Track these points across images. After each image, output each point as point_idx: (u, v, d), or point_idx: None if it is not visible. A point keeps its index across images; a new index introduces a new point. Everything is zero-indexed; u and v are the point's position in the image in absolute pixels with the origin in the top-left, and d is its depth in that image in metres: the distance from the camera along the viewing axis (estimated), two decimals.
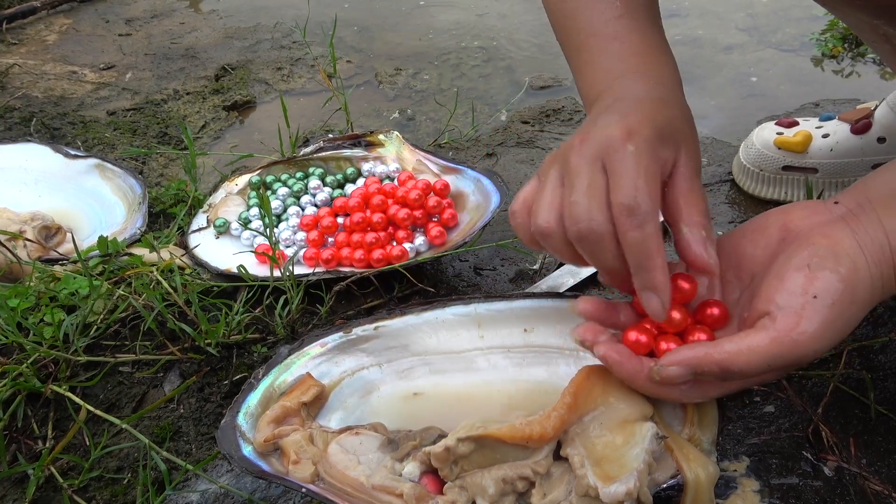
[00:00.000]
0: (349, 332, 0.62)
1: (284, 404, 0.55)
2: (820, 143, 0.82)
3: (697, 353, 0.44)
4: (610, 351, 0.47)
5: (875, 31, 0.65)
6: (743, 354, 0.43)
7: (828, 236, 0.45)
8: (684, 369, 0.45)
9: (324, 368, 0.60)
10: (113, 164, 0.93)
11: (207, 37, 1.41)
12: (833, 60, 1.17)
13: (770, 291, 0.45)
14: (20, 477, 0.60)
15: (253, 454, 0.53)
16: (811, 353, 0.43)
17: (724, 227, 0.83)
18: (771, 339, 0.43)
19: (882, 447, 0.57)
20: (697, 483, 0.46)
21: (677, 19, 1.35)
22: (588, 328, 0.49)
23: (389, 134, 0.90)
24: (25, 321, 0.68)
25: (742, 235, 0.50)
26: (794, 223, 0.48)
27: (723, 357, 0.43)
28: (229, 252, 0.79)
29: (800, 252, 0.45)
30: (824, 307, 0.42)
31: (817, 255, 0.44)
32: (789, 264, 0.45)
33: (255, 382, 0.58)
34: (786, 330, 0.43)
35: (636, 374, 0.46)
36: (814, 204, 0.49)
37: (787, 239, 0.47)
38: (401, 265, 0.74)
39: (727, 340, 0.44)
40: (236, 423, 0.55)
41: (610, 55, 0.56)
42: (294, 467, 0.51)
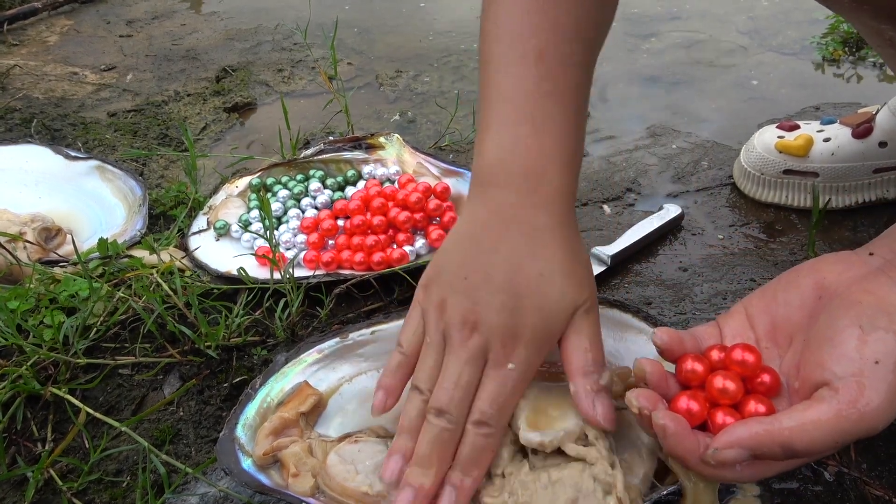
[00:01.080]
0: (346, 338, 0.62)
1: (282, 415, 0.55)
2: (821, 147, 0.82)
3: (755, 432, 0.40)
4: (670, 422, 0.42)
5: (881, 35, 0.65)
6: (807, 431, 0.39)
7: (871, 292, 0.42)
8: (742, 451, 0.40)
9: (321, 375, 0.60)
10: (113, 166, 0.93)
11: (208, 38, 1.41)
12: (834, 64, 1.17)
13: (822, 358, 0.41)
14: (19, 479, 0.59)
15: (252, 467, 0.53)
16: (881, 424, 0.39)
17: (724, 230, 0.83)
18: (835, 413, 0.39)
19: (882, 452, 0.56)
20: (696, 490, 0.46)
21: (678, 22, 1.35)
22: (647, 396, 0.44)
23: (390, 136, 0.90)
24: (25, 323, 0.67)
25: (773, 297, 0.47)
26: (829, 279, 0.45)
27: (784, 436, 0.39)
28: (229, 254, 0.79)
29: (845, 312, 0.42)
30: (888, 372, 0.39)
31: (866, 314, 0.41)
32: (837, 326, 0.42)
33: (253, 393, 0.58)
34: (850, 401, 0.39)
35: (692, 452, 0.42)
36: (846, 256, 0.46)
37: (824, 297, 0.44)
38: (401, 268, 0.74)
39: (785, 415, 0.40)
40: (235, 436, 0.55)
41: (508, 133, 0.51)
42: (294, 480, 0.51)
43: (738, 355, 0.45)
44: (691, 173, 0.93)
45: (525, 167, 0.51)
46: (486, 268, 0.49)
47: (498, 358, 0.48)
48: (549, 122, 0.51)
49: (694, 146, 0.98)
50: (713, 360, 0.46)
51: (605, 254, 0.76)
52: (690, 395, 0.44)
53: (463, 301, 0.49)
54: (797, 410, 0.40)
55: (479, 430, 0.47)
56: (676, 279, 0.76)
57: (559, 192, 0.51)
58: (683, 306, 0.73)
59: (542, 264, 0.49)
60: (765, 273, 0.76)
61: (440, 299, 0.50)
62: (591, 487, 0.46)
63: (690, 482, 0.46)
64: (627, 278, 0.76)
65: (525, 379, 0.49)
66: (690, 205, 0.87)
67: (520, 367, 0.48)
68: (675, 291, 0.75)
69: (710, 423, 0.44)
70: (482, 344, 0.48)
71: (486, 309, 0.48)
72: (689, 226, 0.84)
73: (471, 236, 0.51)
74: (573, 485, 0.46)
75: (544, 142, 0.51)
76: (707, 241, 0.81)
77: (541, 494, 0.46)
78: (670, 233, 0.82)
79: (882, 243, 0.46)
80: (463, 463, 0.48)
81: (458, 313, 0.49)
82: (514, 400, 0.48)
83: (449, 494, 0.47)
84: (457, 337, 0.49)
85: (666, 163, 0.95)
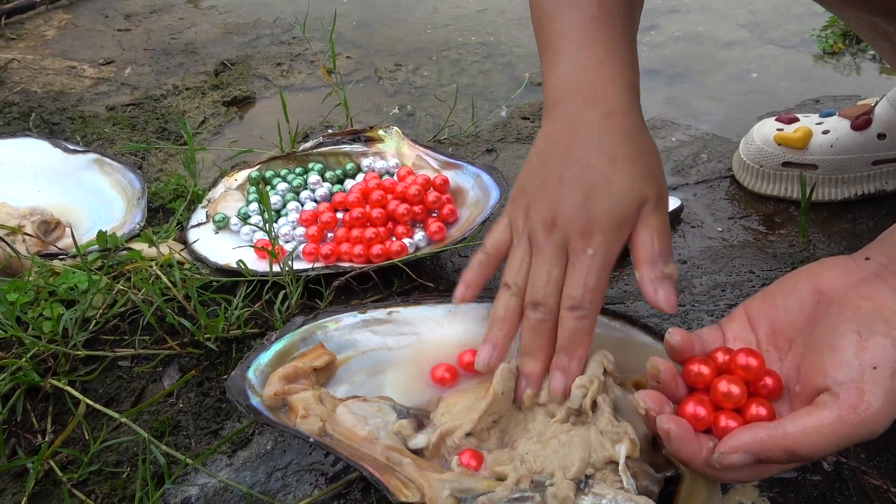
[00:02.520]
0: (364, 312, 0.62)
1: (296, 364, 0.56)
2: (820, 140, 0.82)
3: (759, 437, 0.41)
4: (674, 426, 0.43)
5: (874, 28, 0.65)
6: (810, 436, 0.40)
7: (868, 298, 0.43)
8: (747, 455, 0.41)
9: (335, 343, 0.61)
10: (112, 159, 0.93)
11: (207, 32, 1.41)
12: (833, 57, 1.17)
13: (823, 364, 0.42)
14: (19, 471, 0.60)
15: (261, 405, 0.53)
16: (881, 427, 0.40)
17: (723, 222, 0.83)
18: (837, 418, 0.40)
19: (881, 442, 0.57)
20: (694, 477, 0.46)
21: (678, 15, 1.35)
22: (654, 397, 0.46)
23: (389, 129, 0.90)
24: (25, 315, 0.68)
25: (772, 302, 0.48)
26: (827, 284, 0.46)
27: (788, 441, 0.41)
28: (228, 247, 0.79)
29: (844, 318, 0.43)
30: (886, 377, 0.40)
31: (864, 319, 0.42)
32: (836, 331, 0.43)
33: (268, 344, 0.58)
34: (850, 406, 0.40)
35: (695, 454, 0.43)
36: (843, 261, 0.47)
37: (822, 302, 0.45)
38: (400, 260, 0.74)
39: (789, 421, 0.41)
40: (246, 376, 0.55)
41: (570, 62, 0.57)
42: (302, 421, 0.52)
43: (742, 360, 0.46)
44: (691, 166, 0.93)
45: (591, 81, 0.56)
46: (560, 170, 0.53)
47: (578, 246, 0.52)
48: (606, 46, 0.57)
49: (693, 139, 0.98)
50: (718, 363, 0.47)
51: None
52: (698, 400, 0.45)
53: (542, 204, 0.54)
54: (800, 416, 0.41)
55: (573, 314, 0.51)
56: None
57: (624, 99, 0.56)
58: (683, 298, 0.73)
59: (610, 156, 0.53)
60: (763, 265, 0.76)
61: (524, 207, 0.55)
62: (600, 440, 0.47)
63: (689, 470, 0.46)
64: (627, 270, 0.76)
65: (606, 263, 0.52)
66: (690, 197, 0.87)
67: (599, 252, 0.51)
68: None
69: (713, 426, 0.45)
70: (563, 238, 0.52)
71: (561, 206, 0.52)
72: (689, 218, 0.84)
73: (546, 147, 0.56)
74: (582, 443, 0.47)
75: (604, 62, 0.57)
76: (706, 234, 0.81)
77: (552, 458, 0.47)
78: (670, 225, 0.82)
79: (878, 248, 0.46)
80: (565, 347, 0.51)
81: (539, 216, 0.53)
82: (600, 283, 0.51)
83: (559, 378, 0.51)
84: (541, 237, 0.53)
85: (665, 155, 0.95)
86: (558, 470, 0.46)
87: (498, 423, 0.52)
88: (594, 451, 0.47)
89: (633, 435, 0.47)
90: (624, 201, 0.52)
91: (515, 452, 0.49)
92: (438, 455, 0.51)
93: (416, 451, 0.51)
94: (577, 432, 0.48)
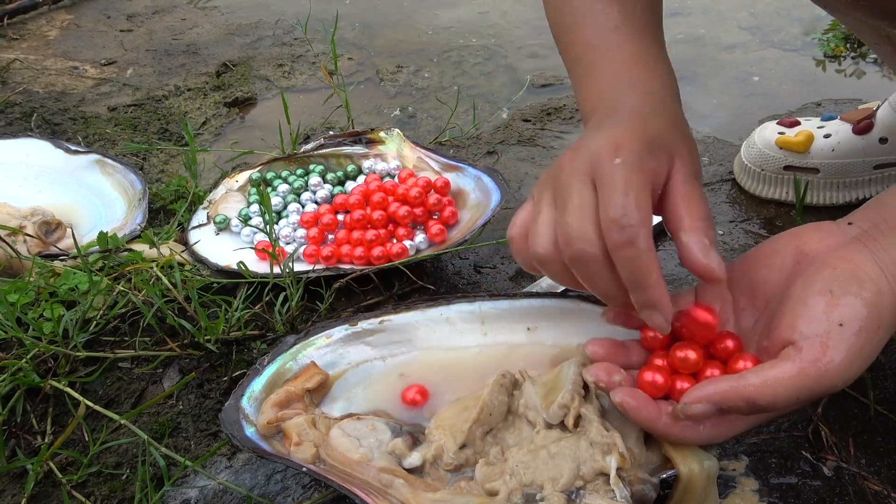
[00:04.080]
0: (354, 325, 0.62)
1: (288, 389, 0.56)
2: (821, 144, 0.81)
3: (722, 388, 0.43)
4: (626, 397, 0.45)
5: (877, 32, 0.65)
6: (770, 387, 0.42)
7: (847, 259, 0.44)
8: (710, 406, 0.43)
9: (328, 359, 0.61)
10: (113, 160, 0.93)
11: (209, 33, 1.41)
12: (835, 60, 1.17)
13: (793, 318, 0.43)
14: (19, 472, 0.60)
15: (255, 435, 0.53)
16: (840, 382, 0.42)
17: (724, 226, 0.83)
18: (798, 371, 0.41)
19: (881, 447, 0.57)
20: (691, 476, 0.46)
21: (679, 18, 1.35)
22: (601, 368, 0.48)
23: (390, 131, 0.90)
24: (25, 316, 0.68)
25: (753, 260, 0.49)
26: (808, 246, 0.46)
27: (749, 391, 0.42)
28: (229, 248, 0.79)
29: (820, 276, 0.44)
30: (851, 335, 0.41)
31: (838, 279, 0.43)
32: (810, 290, 0.44)
33: (261, 368, 0.58)
34: (812, 360, 0.41)
35: (654, 419, 0.45)
36: (826, 225, 0.48)
37: (802, 262, 0.46)
38: (401, 262, 0.74)
39: (752, 373, 0.43)
40: (240, 406, 0.55)
41: (603, 68, 0.55)
42: (296, 449, 0.52)
43: (699, 315, 0.47)
44: None
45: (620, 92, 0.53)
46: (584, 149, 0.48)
47: (604, 161, 0.44)
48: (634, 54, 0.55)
49: None
50: (675, 327, 0.48)
51: None
52: (655, 368, 0.47)
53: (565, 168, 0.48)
54: (762, 368, 0.43)
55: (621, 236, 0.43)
56: (676, 275, 0.76)
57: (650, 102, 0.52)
58: None
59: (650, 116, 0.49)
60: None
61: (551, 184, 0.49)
62: (590, 452, 0.47)
63: (685, 468, 0.46)
64: None
65: (638, 169, 0.44)
66: None
67: (627, 160, 0.44)
68: (674, 287, 0.74)
69: (671, 391, 0.47)
70: (587, 165, 0.45)
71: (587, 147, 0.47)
72: None
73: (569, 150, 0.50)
74: (572, 454, 0.47)
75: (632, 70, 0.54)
76: None
77: (542, 470, 0.47)
78: None
79: (861, 214, 0.47)
80: (632, 284, 0.44)
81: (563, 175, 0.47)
82: (638, 192, 0.43)
83: (648, 315, 0.45)
84: (563, 176, 0.46)
85: None
86: (548, 482, 0.47)
87: (492, 433, 0.52)
88: (584, 463, 0.47)
89: (623, 448, 0.47)
90: (654, 132, 0.47)
91: (506, 465, 0.49)
92: (436, 470, 0.51)
93: (413, 468, 0.51)
94: (567, 442, 0.48)
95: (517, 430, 0.52)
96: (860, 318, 0.42)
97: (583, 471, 0.47)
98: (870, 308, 0.42)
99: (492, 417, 0.52)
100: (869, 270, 0.43)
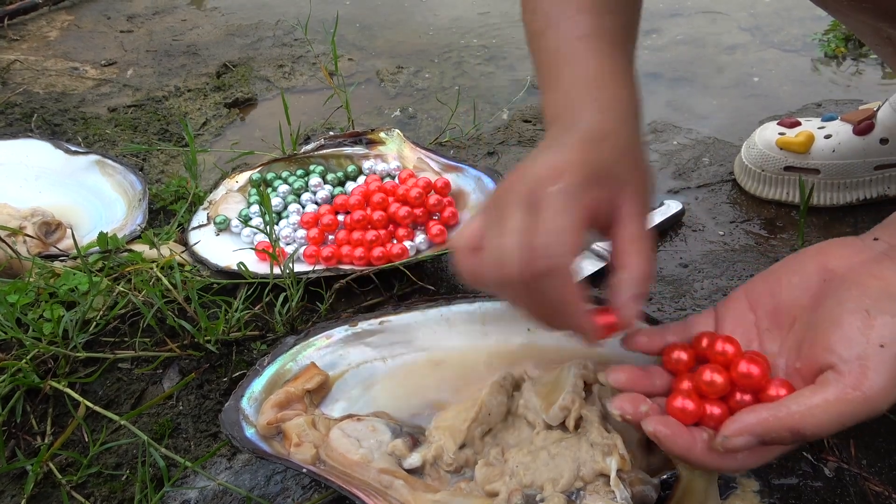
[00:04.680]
0: (355, 326, 0.62)
1: (288, 390, 0.56)
2: (822, 144, 0.81)
3: (763, 418, 0.41)
4: (660, 426, 0.43)
5: (878, 33, 0.65)
6: (814, 416, 0.40)
7: (878, 277, 0.42)
8: (751, 438, 0.41)
9: (328, 360, 0.61)
10: (113, 161, 0.93)
11: (209, 34, 1.41)
12: (836, 61, 1.17)
13: (828, 341, 0.42)
14: (19, 473, 0.59)
15: (255, 436, 0.53)
16: (885, 405, 0.40)
17: (725, 226, 0.83)
18: (841, 396, 0.40)
19: (882, 448, 0.56)
20: (692, 477, 0.46)
21: (680, 18, 1.35)
22: (626, 399, 0.45)
23: (390, 132, 0.90)
24: (25, 317, 0.67)
25: (776, 279, 0.47)
26: (834, 263, 0.45)
27: (793, 421, 0.40)
28: (229, 249, 0.79)
29: (851, 295, 0.42)
30: (891, 356, 0.40)
31: (872, 297, 0.41)
32: (843, 309, 0.42)
33: (261, 369, 0.58)
34: (855, 385, 0.40)
35: (691, 447, 0.42)
36: (851, 241, 0.47)
37: (829, 280, 0.44)
38: (401, 263, 0.74)
39: (792, 401, 0.41)
40: (240, 406, 0.55)
41: (566, 78, 0.53)
42: (296, 450, 0.52)
43: (719, 346, 0.45)
44: (692, 170, 0.93)
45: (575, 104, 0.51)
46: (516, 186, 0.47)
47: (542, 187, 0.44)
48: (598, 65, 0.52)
49: (695, 143, 0.98)
50: (698, 349, 0.47)
51: (606, 249, 0.76)
52: (685, 394, 0.45)
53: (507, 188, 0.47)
54: (803, 395, 0.41)
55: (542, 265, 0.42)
56: (677, 275, 0.76)
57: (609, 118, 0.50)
58: (683, 302, 0.72)
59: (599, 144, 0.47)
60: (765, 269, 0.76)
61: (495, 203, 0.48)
62: (591, 453, 0.47)
63: (686, 469, 0.46)
64: None
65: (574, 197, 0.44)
66: (691, 201, 0.87)
67: (565, 188, 0.44)
68: (675, 287, 0.74)
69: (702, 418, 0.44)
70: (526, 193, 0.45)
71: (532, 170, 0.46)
72: (690, 222, 0.84)
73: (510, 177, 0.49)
74: (573, 455, 0.47)
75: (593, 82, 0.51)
76: (708, 238, 0.81)
77: (542, 471, 0.47)
78: (671, 229, 0.82)
79: (886, 229, 0.46)
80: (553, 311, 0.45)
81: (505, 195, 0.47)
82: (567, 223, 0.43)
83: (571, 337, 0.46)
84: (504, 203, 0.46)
85: (667, 159, 0.95)
86: (548, 483, 0.46)
87: (492, 433, 0.52)
88: (584, 464, 0.47)
89: (623, 449, 0.47)
90: (599, 162, 0.46)
91: (506, 466, 0.49)
92: (437, 471, 0.51)
93: (413, 468, 0.51)
94: (568, 443, 0.48)
95: (517, 430, 0.52)
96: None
97: (583, 472, 0.47)
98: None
99: (490, 417, 0.52)
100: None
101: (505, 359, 0.60)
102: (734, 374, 0.45)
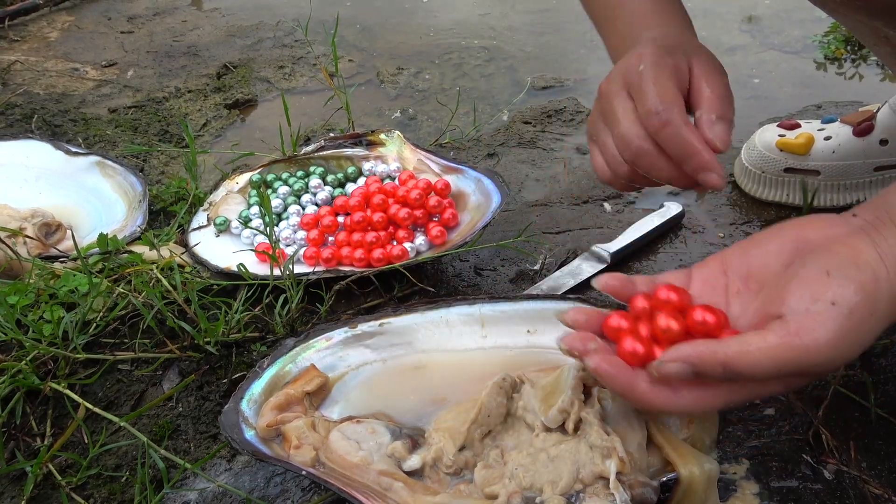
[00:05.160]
0: (354, 327, 0.62)
1: (288, 392, 0.56)
2: (822, 146, 0.81)
3: (699, 350, 0.42)
4: (602, 363, 0.44)
5: (875, 33, 0.65)
6: (749, 354, 0.40)
7: (847, 245, 0.43)
8: (685, 366, 0.42)
9: (328, 361, 0.61)
10: (114, 162, 0.93)
11: (209, 35, 1.41)
12: (836, 63, 1.17)
13: (784, 294, 0.43)
14: (18, 474, 0.59)
15: (255, 438, 0.53)
16: (824, 362, 0.40)
17: (724, 228, 0.83)
18: (780, 341, 0.40)
19: (882, 450, 0.56)
20: (691, 479, 0.46)
21: None
22: (575, 337, 0.46)
23: (391, 133, 0.90)
24: (25, 318, 0.67)
25: (751, 245, 0.48)
26: (810, 234, 0.46)
27: (727, 356, 0.41)
28: (229, 250, 0.79)
29: (818, 259, 0.43)
30: (841, 315, 0.40)
31: (836, 262, 0.42)
32: (806, 269, 0.43)
33: (260, 371, 0.58)
34: (797, 333, 0.40)
35: (631, 386, 0.43)
36: (830, 216, 0.47)
37: (802, 248, 0.45)
38: (401, 265, 0.74)
39: (733, 340, 0.42)
40: (240, 409, 0.55)
41: (624, 18, 0.63)
42: (295, 452, 0.52)
43: (663, 294, 0.47)
44: None
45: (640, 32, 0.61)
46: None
47: (631, 73, 0.54)
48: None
49: None
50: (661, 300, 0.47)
51: (606, 251, 0.76)
52: (634, 336, 0.46)
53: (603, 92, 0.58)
54: (745, 336, 0.42)
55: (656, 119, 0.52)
56: None
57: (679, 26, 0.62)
58: None
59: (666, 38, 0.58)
60: None
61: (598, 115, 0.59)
62: (590, 455, 0.47)
63: (685, 471, 0.46)
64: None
65: (658, 65, 0.54)
66: (691, 203, 0.87)
67: (647, 63, 0.54)
68: None
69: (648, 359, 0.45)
70: (620, 85, 0.55)
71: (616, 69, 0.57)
72: (690, 224, 0.84)
73: None
74: (572, 457, 0.47)
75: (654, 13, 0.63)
76: (708, 240, 0.81)
77: (542, 473, 0.47)
78: (671, 231, 0.82)
79: (867, 207, 0.47)
80: (681, 156, 0.52)
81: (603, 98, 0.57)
82: (661, 84, 0.53)
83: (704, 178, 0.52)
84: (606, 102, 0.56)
85: None
86: (547, 485, 0.46)
87: (492, 435, 0.52)
88: (584, 467, 0.47)
89: (622, 452, 0.46)
90: (669, 42, 0.56)
91: (506, 469, 0.49)
92: (436, 473, 0.51)
93: (412, 471, 0.51)
94: (567, 446, 0.48)
95: (517, 432, 0.52)
96: (854, 301, 0.40)
97: (582, 474, 0.47)
98: (865, 293, 0.41)
99: (490, 419, 0.52)
100: (868, 257, 0.42)
101: (504, 360, 0.60)
102: (690, 321, 0.45)
